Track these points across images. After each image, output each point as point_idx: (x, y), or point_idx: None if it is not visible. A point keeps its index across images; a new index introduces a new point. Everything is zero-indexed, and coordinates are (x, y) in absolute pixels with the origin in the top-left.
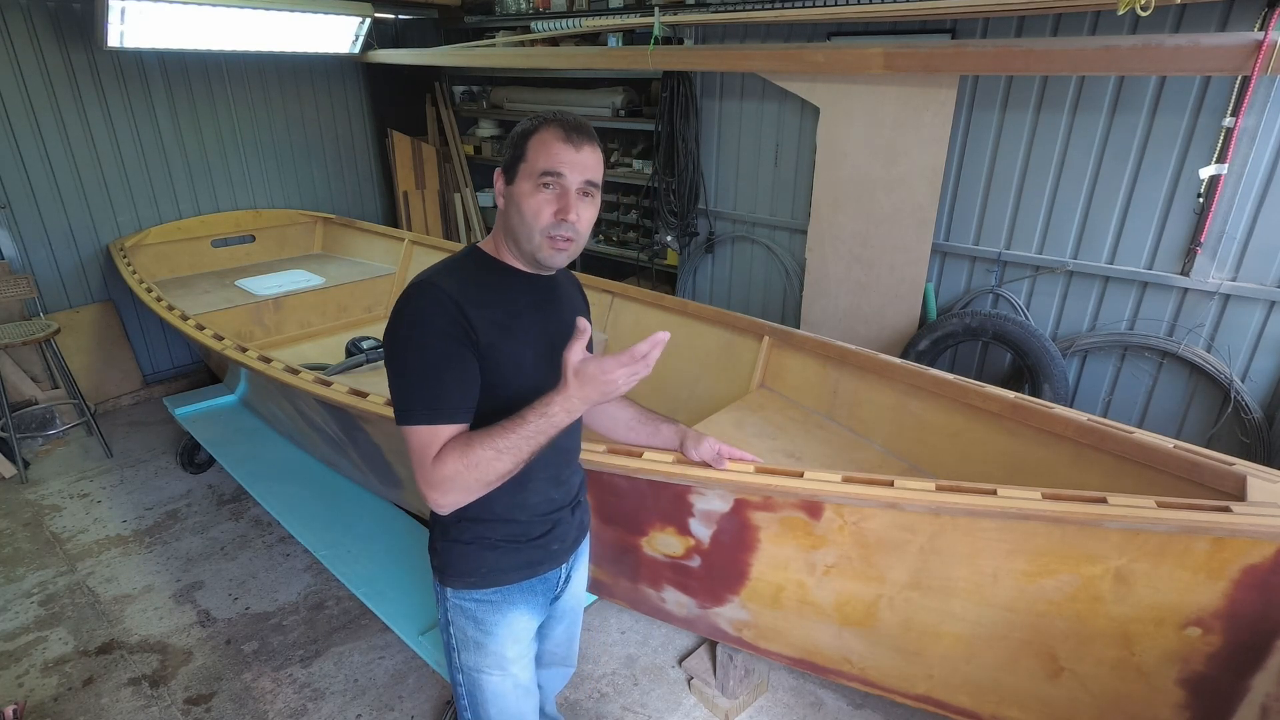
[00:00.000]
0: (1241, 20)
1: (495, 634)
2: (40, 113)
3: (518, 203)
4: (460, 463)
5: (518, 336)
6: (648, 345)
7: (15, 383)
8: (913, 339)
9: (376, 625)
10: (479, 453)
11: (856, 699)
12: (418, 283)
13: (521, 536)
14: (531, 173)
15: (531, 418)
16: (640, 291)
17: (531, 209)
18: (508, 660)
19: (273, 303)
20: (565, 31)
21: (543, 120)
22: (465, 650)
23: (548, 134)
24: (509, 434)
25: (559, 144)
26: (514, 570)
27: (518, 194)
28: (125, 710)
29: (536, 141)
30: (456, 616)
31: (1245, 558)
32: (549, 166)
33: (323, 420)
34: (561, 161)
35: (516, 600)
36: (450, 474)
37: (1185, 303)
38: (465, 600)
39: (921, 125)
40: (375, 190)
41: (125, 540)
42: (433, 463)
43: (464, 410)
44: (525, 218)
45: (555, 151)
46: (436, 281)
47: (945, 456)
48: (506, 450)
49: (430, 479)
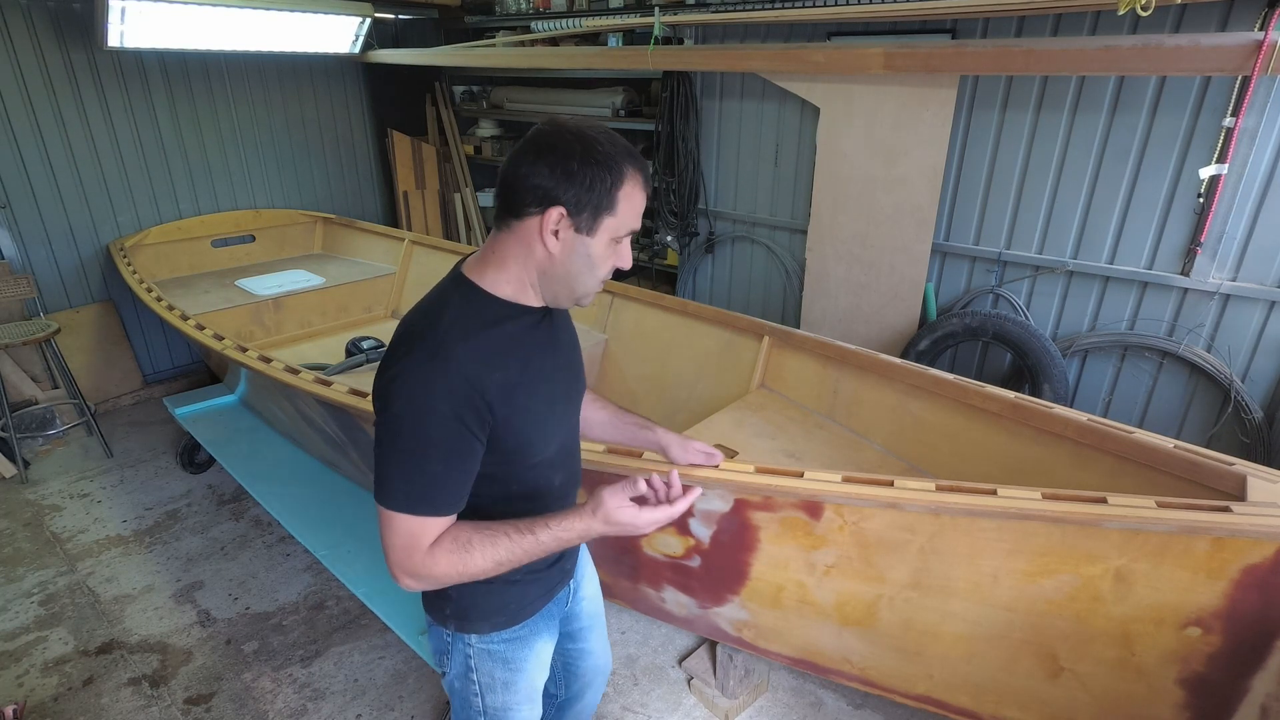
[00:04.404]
0: (1241, 20)
1: (525, 669)
2: (40, 113)
3: (591, 257)
4: (454, 568)
5: (533, 391)
6: (685, 504)
7: (15, 383)
8: (913, 339)
9: (376, 625)
10: (476, 562)
11: (856, 699)
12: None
13: (540, 566)
14: (617, 229)
15: (544, 536)
16: (640, 291)
17: (605, 263)
18: (535, 690)
19: (273, 303)
20: (565, 31)
21: (624, 159)
22: (492, 693)
23: (636, 185)
24: (515, 547)
25: (643, 197)
26: (538, 599)
27: (595, 248)
28: (125, 710)
29: (628, 195)
30: (483, 662)
31: (1245, 558)
32: (635, 224)
33: (323, 420)
34: (640, 214)
35: (541, 629)
36: (440, 574)
37: (1185, 303)
38: (494, 644)
39: (921, 125)
40: (375, 190)
41: (125, 540)
42: (423, 557)
43: (459, 502)
44: (596, 271)
45: (639, 204)
46: (448, 347)
47: (945, 456)
48: (506, 564)
49: (415, 571)
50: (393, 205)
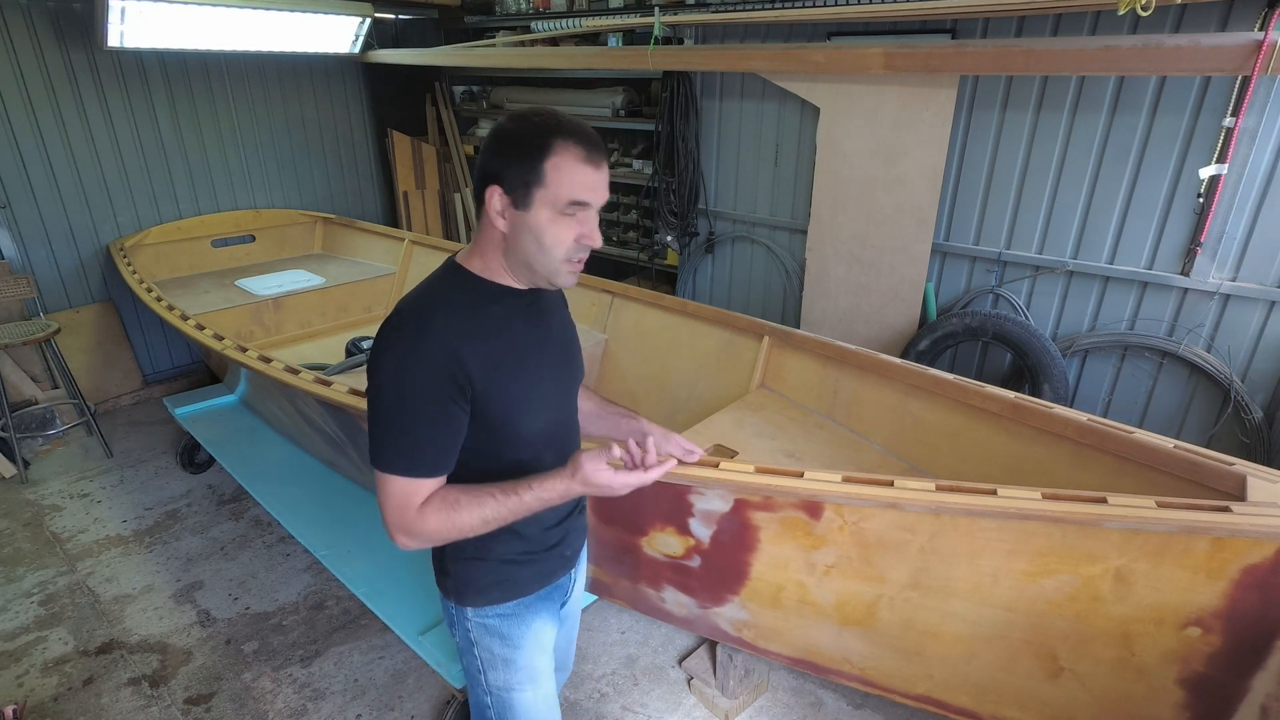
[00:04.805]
0: (1241, 20)
1: (523, 647)
2: (40, 113)
3: (534, 232)
4: (443, 525)
5: (516, 369)
6: (659, 472)
7: (15, 383)
8: (913, 339)
9: (376, 625)
10: (464, 519)
11: (856, 699)
12: (411, 317)
13: (537, 548)
14: (553, 201)
15: (528, 498)
16: (640, 291)
17: (554, 238)
18: (537, 671)
19: (273, 303)
20: (565, 31)
21: (552, 132)
22: (493, 670)
23: (569, 157)
24: (500, 507)
25: (582, 168)
26: (534, 581)
27: (534, 222)
28: (125, 710)
29: (556, 166)
30: (481, 636)
31: (1245, 558)
32: (576, 196)
33: (323, 420)
34: (589, 188)
35: (538, 609)
36: (432, 531)
37: (1185, 303)
38: (489, 617)
39: (921, 125)
40: (375, 190)
41: (125, 540)
42: (415, 514)
43: (447, 464)
44: (546, 247)
45: (580, 177)
46: (426, 323)
47: (945, 456)
48: (493, 521)
49: (409, 529)
50: (393, 205)
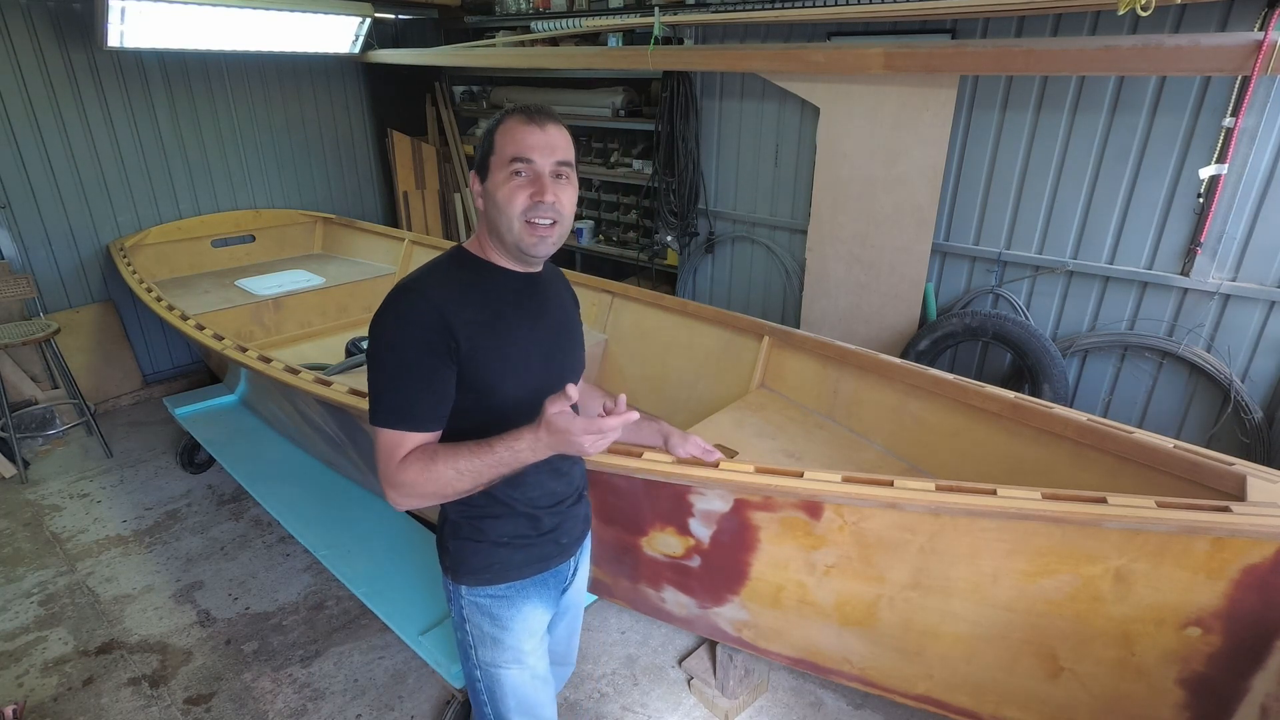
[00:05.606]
0: (1241, 20)
1: (511, 628)
2: (40, 113)
3: (493, 195)
4: (420, 474)
5: (502, 336)
6: (616, 421)
7: (15, 383)
8: (913, 339)
9: (376, 625)
10: (440, 469)
11: (856, 699)
12: (403, 287)
13: (531, 532)
14: (502, 163)
15: (500, 448)
16: (640, 291)
17: (506, 197)
18: (525, 653)
19: (273, 303)
20: (565, 31)
21: (505, 112)
22: (482, 646)
23: (511, 122)
24: (473, 458)
25: (523, 128)
26: (527, 565)
27: (492, 187)
28: (125, 710)
29: (502, 132)
30: (472, 614)
31: (1245, 558)
32: (517, 152)
33: (323, 420)
34: (529, 145)
35: (531, 594)
36: (409, 480)
37: (1185, 303)
38: (480, 597)
39: (921, 125)
40: (375, 190)
41: (125, 540)
42: (396, 465)
43: (433, 420)
44: (502, 207)
45: (521, 136)
46: (420, 288)
47: (945, 456)
48: (467, 473)
49: (391, 479)
50: (393, 205)
